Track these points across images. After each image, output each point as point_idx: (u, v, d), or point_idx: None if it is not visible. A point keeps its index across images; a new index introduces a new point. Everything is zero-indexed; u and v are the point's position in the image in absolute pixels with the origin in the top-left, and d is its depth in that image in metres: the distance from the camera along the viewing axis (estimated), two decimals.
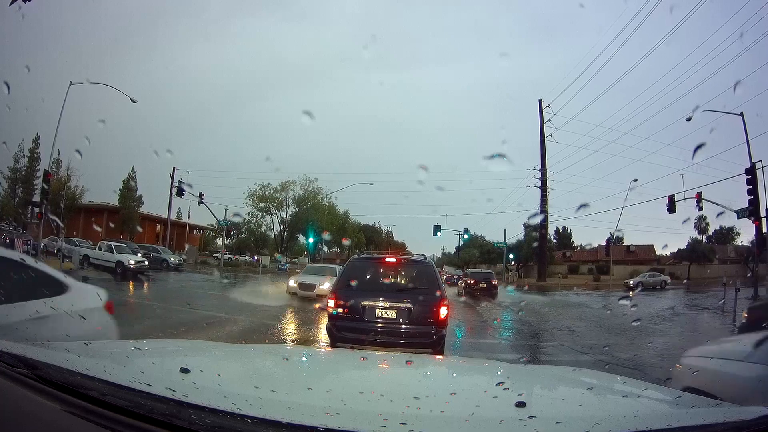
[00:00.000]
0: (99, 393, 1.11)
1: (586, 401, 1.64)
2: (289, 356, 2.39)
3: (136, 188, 41.35)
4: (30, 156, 36.73)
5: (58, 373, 1.20)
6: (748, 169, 19.00)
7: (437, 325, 5.71)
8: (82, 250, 22.86)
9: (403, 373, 2.12)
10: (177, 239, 48.07)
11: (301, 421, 1.01)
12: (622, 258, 44.57)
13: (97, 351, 1.69)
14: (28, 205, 29.93)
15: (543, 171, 24.27)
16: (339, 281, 6.31)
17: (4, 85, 4.96)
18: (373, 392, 1.55)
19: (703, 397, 1.61)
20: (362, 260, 6.92)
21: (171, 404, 1.06)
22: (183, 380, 1.37)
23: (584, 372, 2.37)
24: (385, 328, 5.69)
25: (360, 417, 1.14)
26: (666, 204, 22.58)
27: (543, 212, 23.81)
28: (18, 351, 1.30)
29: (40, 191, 20.02)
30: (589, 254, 50.62)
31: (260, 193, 44.86)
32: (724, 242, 45.62)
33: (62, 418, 1.07)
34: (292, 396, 1.37)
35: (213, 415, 1.02)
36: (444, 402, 1.49)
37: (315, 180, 45.43)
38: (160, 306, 12.42)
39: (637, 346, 9.03)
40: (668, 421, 1.22)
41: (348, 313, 5.74)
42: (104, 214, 40.63)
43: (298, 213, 45.84)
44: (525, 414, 1.21)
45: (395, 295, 5.89)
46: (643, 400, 1.60)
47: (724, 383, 2.77)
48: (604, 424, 1.17)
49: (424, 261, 6.62)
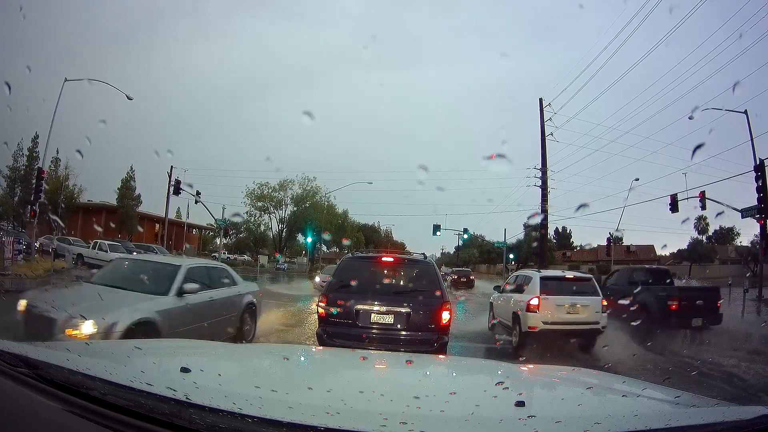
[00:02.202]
0: (100, 392, 1.11)
1: (585, 401, 1.64)
2: (290, 356, 2.39)
3: (135, 188, 41.29)
4: (29, 155, 36.67)
5: (59, 373, 1.20)
6: (757, 167, 18.80)
7: (439, 332, 5.26)
8: (76, 249, 22.79)
9: (403, 373, 2.12)
10: (176, 239, 48.04)
11: (301, 421, 1.02)
12: (622, 258, 44.55)
13: (97, 351, 1.69)
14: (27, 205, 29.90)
15: (543, 170, 24.20)
16: (330, 283, 5.84)
17: (6, 86, 4.95)
18: (373, 392, 1.55)
19: (703, 397, 1.62)
20: (356, 260, 6.39)
21: (172, 404, 1.07)
22: (183, 380, 1.37)
23: (584, 372, 2.38)
24: (381, 335, 5.14)
25: (360, 416, 1.14)
26: (668, 203, 22.45)
27: (543, 212, 23.73)
28: (19, 350, 1.31)
29: (34, 189, 19.93)
30: (588, 254, 50.62)
31: (258, 192, 44.73)
32: (724, 242, 45.62)
33: (63, 418, 1.07)
34: (293, 395, 1.37)
35: (214, 415, 1.02)
36: (444, 401, 1.49)
37: (314, 179, 45.25)
38: None
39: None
40: (667, 421, 1.22)
41: (340, 318, 5.27)
42: (103, 213, 40.58)
43: (297, 212, 45.73)
44: (525, 413, 1.22)
45: (392, 299, 5.38)
46: (642, 400, 1.60)
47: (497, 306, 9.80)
48: (604, 423, 1.18)
49: (424, 261, 6.11)
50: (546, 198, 24.29)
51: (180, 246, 46.67)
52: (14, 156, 36.27)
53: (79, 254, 22.22)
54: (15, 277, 14.23)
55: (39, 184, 19.72)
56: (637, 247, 48.70)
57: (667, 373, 6.46)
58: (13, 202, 36.41)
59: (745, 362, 7.72)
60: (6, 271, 14.98)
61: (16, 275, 14.54)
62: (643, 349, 7.74)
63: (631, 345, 7.86)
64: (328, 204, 46.06)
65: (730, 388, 6.16)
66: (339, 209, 50.13)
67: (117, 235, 33.35)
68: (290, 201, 46.13)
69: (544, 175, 24.27)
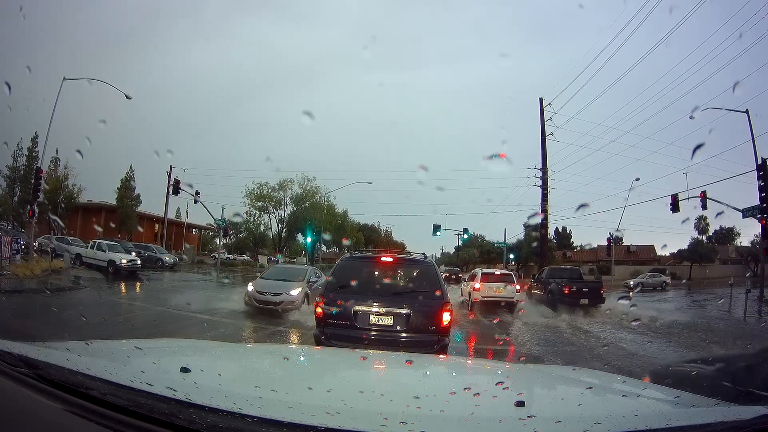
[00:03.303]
0: (100, 392, 1.11)
1: (585, 401, 1.64)
2: (289, 356, 2.39)
3: (134, 187, 41.24)
4: (29, 155, 36.63)
5: (59, 373, 1.20)
6: (759, 166, 18.76)
7: (439, 333, 5.18)
8: (74, 249, 22.75)
9: (403, 373, 2.12)
10: (175, 239, 48.01)
11: (301, 421, 1.02)
12: (622, 258, 44.54)
13: (97, 351, 1.69)
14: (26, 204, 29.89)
15: (544, 170, 24.20)
16: (328, 283, 5.79)
17: (6, 86, 4.95)
18: (373, 392, 1.55)
19: (703, 397, 1.62)
20: (354, 260, 6.30)
21: (172, 404, 1.07)
22: (183, 380, 1.37)
23: (584, 371, 2.38)
24: (380, 337, 5.06)
25: (360, 416, 1.14)
26: (669, 203, 22.42)
27: (543, 212, 23.75)
28: (19, 350, 1.31)
29: (33, 189, 19.88)
30: (588, 254, 50.58)
31: (258, 192, 44.64)
32: (724, 242, 45.59)
33: (63, 418, 1.07)
34: (293, 395, 1.37)
35: (213, 415, 1.02)
36: (444, 401, 1.49)
37: (313, 179, 45.16)
38: (129, 304, 12.83)
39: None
40: (667, 421, 1.22)
41: (338, 320, 5.18)
42: (102, 213, 40.55)
43: (296, 212, 45.67)
44: (525, 413, 1.22)
45: (392, 300, 5.28)
46: (642, 400, 1.60)
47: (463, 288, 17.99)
48: (604, 423, 1.18)
49: (425, 260, 6.03)
50: (546, 198, 24.30)
51: (179, 246, 46.64)
52: (14, 156, 36.25)
53: (78, 254, 22.20)
54: (12, 277, 14.20)
55: (38, 184, 19.68)
56: (637, 247, 48.68)
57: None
58: (13, 202, 36.39)
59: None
60: (3, 271, 14.99)
61: (13, 275, 14.52)
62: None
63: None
64: (327, 204, 46.04)
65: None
66: (339, 209, 50.10)
67: (116, 235, 33.28)
68: (290, 201, 46.07)
69: (544, 175, 24.28)
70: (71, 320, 8.05)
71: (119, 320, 9.60)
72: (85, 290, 14.25)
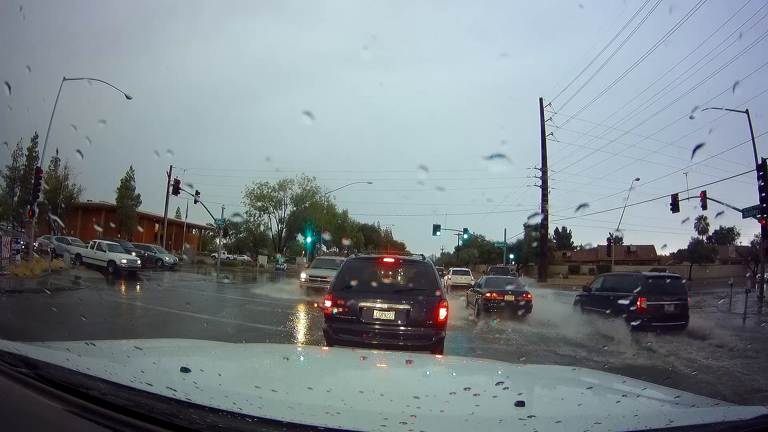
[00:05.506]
0: (100, 392, 1.11)
1: (585, 401, 1.64)
2: (289, 356, 2.39)
3: (134, 187, 41.23)
4: (28, 155, 36.60)
5: (59, 373, 1.20)
6: (759, 166, 18.75)
7: (436, 327, 5.62)
8: (74, 249, 22.74)
9: (403, 373, 2.12)
10: (175, 239, 48.05)
11: (301, 421, 1.02)
12: (622, 258, 44.55)
13: (97, 351, 1.68)
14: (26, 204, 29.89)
15: (544, 170, 24.22)
16: (336, 282, 6.21)
17: (6, 86, 4.95)
18: (373, 392, 1.55)
19: (703, 397, 1.62)
20: (359, 260, 6.79)
21: (172, 404, 1.07)
22: (183, 380, 1.37)
23: (584, 371, 2.38)
24: (383, 330, 5.57)
25: (360, 416, 1.14)
26: (669, 203, 22.43)
27: (543, 212, 23.76)
28: (19, 351, 1.30)
29: (33, 189, 19.86)
30: (588, 254, 50.59)
31: (258, 192, 44.61)
32: (724, 242, 45.58)
33: (63, 418, 1.07)
34: (293, 395, 1.37)
35: (213, 415, 1.02)
36: (444, 401, 1.49)
37: (313, 179, 45.15)
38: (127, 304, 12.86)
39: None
40: (668, 421, 1.22)
41: (345, 315, 5.65)
42: (102, 213, 40.56)
43: (296, 212, 45.65)
44: (525, 413, 1.22)
45: (393, 296, 5.78)
46: (642, 400, 1.60)
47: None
48: (604, 423, 1.18)
49: (423, 261, 6.50)
50: (546, 198, 24.32)
51: (179, 246, 46.64)
52: (14, 156, 36.23)
53: (78, 254, 22.19)
54: (12, 277, 14.20)
55: (38, 184, 19.66)
56: (637, 247, 48.70)
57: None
58: (13, 202, 36.37)
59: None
60: (3, 271, 14.99)
61: (13, 275, 14.52)
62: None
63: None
64: (327, 204, 46.05)
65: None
66: (339, 209, 50.17)
67: (116, 235, 33.27)
68: (290, 201, 46.09)
69: (544, 175, 24.30)
70: (71, 320, 8.06)
71: (119, 320, 9.60)
72: (84, 290, 14.27)
